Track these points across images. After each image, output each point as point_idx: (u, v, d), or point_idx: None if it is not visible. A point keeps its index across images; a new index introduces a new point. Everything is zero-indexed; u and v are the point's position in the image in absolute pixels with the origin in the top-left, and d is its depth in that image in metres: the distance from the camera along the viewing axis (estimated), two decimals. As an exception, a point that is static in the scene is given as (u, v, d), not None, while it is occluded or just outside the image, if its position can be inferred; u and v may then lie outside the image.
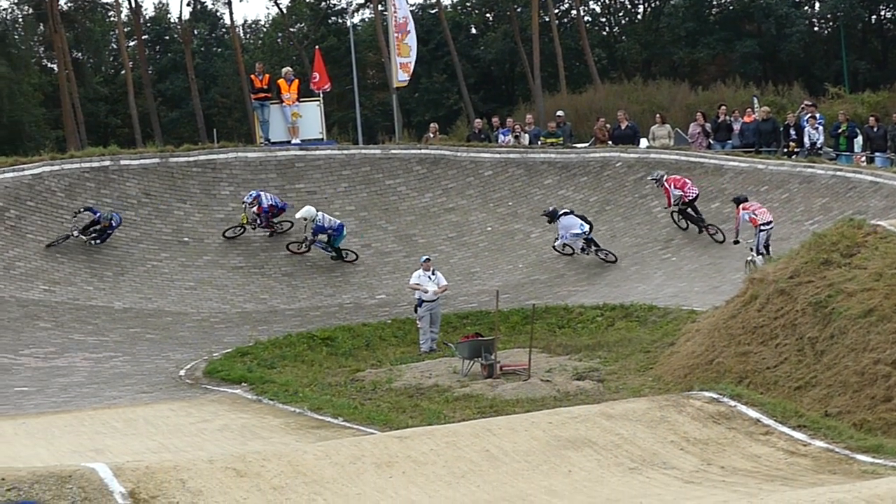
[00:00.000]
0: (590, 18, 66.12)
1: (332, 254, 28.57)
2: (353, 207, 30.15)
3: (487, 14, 65.59)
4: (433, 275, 23.61)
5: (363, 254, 28.94)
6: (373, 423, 17.38)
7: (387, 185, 30.81)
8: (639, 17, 66.78)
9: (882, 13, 63.30)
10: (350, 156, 31.39)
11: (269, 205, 28.77)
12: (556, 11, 62.54)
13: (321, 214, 28.35)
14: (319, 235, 28.31)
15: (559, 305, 25.01)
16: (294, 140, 32.02)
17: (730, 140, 31.96)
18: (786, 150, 30.70)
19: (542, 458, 13.92)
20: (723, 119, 32.48)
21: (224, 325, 25.81)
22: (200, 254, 28.50)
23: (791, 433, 14.70)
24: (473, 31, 64.77)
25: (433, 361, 21.70)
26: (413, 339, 23.68)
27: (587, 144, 34.00)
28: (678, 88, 53.04)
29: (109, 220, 27.76)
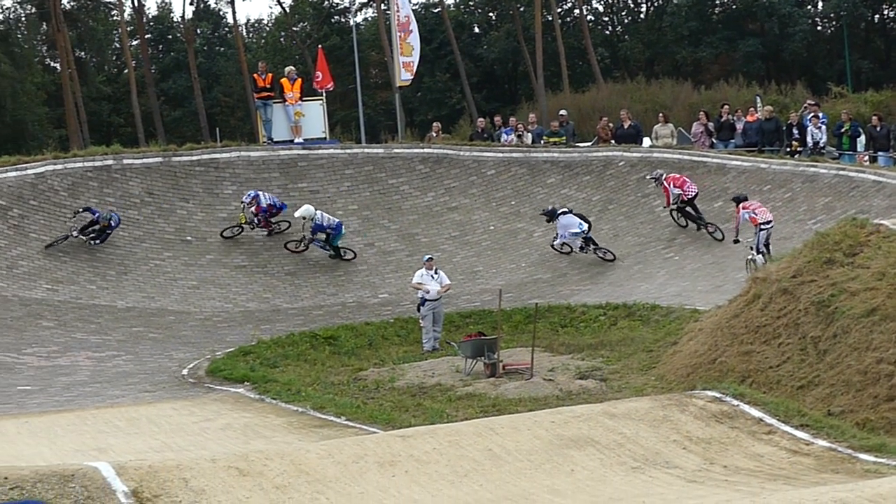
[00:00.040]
0: (592, 17, 66.05)
1: (331, 252, 28.57)
2: (356, 206, 30.15)
3: (490, 13, 65.55)
4: (436, 274, 23.60)
5: (366, 253, 28.94)
6: (375, 422, 17.38)
7: (389, 185, 30.81)
8: (642, 17, 66.70)
9: (885, 12, 63.18)
10: (353, 155, 31.40)
11: (268, 204, 28.76)
12: (559, 11, 62.51)
13: (320, 213, 28.34)
14: (318, 234, 28.30)
15: (562, 304, 25.01)
16: (297, 139, 32.02)
17: (733, 139, 31.95)
18: (789, 150, 30.68)
19: (545, 458, 13.91)
20: (726, 118, 32.47)
21: (227, 324, 25.82)
22: (203, 253, 28.51)
23: (794, 432, 14.68)
24: (476, 31, 64.72)
25: (436, 360, 21.71)
26: (416, 338, 23.68)
27: (590, 144, 33.97)
28: (681, 88, 52.94)
29: (108, 221, 27.73)
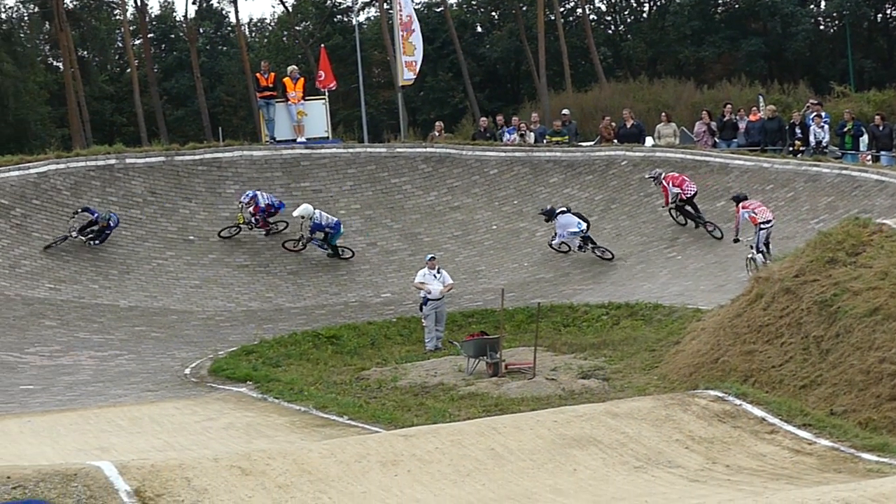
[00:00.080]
0: (595, 17, 66.09)
1: (328, 251, 28.56)
2: (359, 206, 30.15)
3: (493, 13, 65.59)
4: (438, 273, 23.59)
5: (368, 252, 28.94)
6: (378, 422, 17.37)
7: (392, 184, 30.81)
8: (644, 16, 66.73)
9: (888, 12, 63.22)
10: (355, 154, 31.40)
11: (266, 204, 28.71)
12: (562, 10, 62.56)
13: (318, 212, 28.33)
14: (316, 233, 28.30)
15: (564, 304, 24.99)
16: (299, 138, 32.02)
17: (735, 139, 31.94)
18: (791, 149, 30.67)
19: (548, 457, 13.90)
20: (728, 118, 32.45)
21: (229, 324, 25.81)
22: (206, 252, 28.50)
23: (796, 432, 14.66)
24: (479, 30, 64.77)
25: (438, 360, 21.70)
26: (418, 338, 23.66)
27: (592, 143, 33.96)
28: (684, 87, 52.98)
29: (107, 221, 27.70)
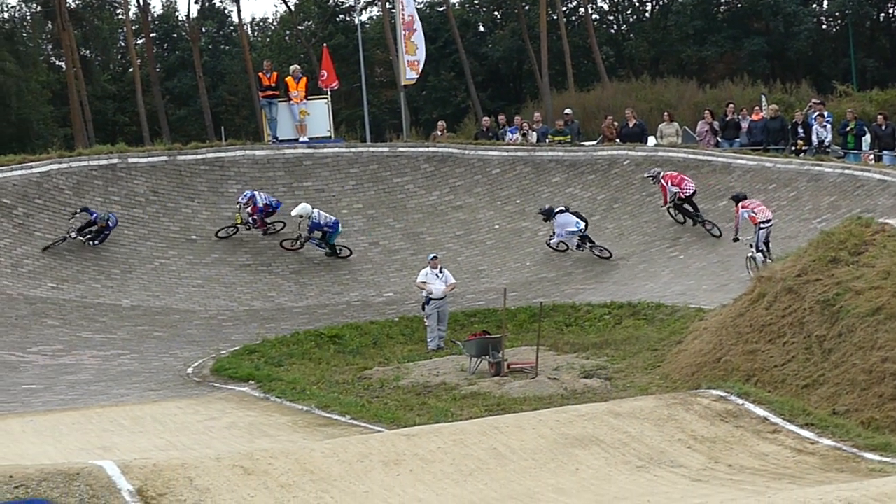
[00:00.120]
0: (598, 16, 66.06)
1: (326, 250, 28.56)
2: (361, 205, 30.15)
3: (495, 12, 65.59)
4: (441, 273, 23.59)
5: (371, 251, 28.94)
6: (380, 421, 17.37)
7: (394, 183, 30.81)
8: (647, 15, 66.70)
9: (890, 11, 63.18)
10: (358, 153, 31.40)
11: (264, 204, 28.72)
12: (564, 9, 62.57)
13: (317, 211, 28.32)
14: (315, 232, 28.29)
15: (567, 303, 24.98)
16: (302, 138, 32.03)
17: (738, 138, 31.93)
18: (794, 149, 30.67)
19: (550, 456, 13.90)
20: (731, 117, 32.44)
21: (231, 323, 25.81)
22: (208, 252, 28.51)
23: (799, 431, 14.66)
24: (481, 29, 64.73)
25: (440, 359, 21.70)
26: (420, 337, 23.67)
27: (595, 142, 33.96)
28: (686, 86, 52.96)
29: (106, 221, 27.67)
